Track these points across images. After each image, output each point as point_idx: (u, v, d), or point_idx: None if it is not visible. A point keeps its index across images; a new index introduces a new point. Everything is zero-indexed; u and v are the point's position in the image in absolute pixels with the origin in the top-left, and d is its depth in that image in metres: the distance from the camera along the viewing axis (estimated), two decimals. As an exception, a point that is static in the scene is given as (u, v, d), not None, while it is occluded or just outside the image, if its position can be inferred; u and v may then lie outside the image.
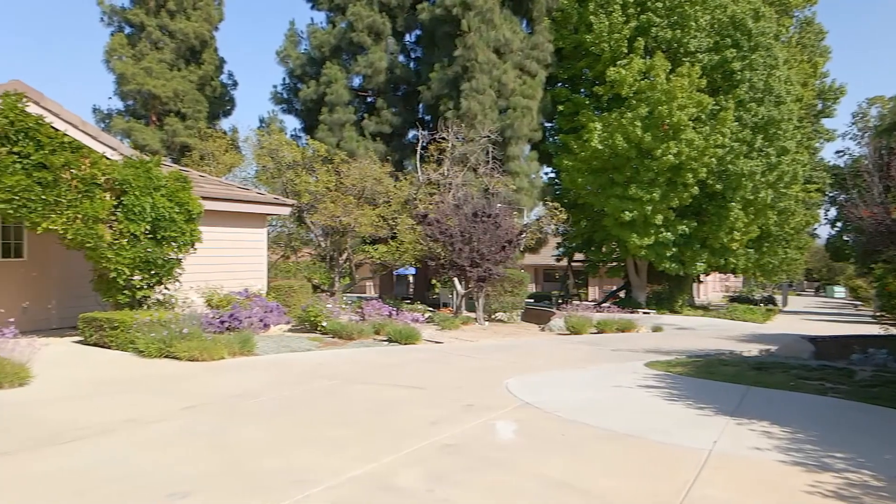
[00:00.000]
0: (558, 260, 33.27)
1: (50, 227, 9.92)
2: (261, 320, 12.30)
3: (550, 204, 21.89)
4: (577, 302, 24.48)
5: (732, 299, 37.59)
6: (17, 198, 9.41)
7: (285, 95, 27.56)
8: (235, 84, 32.98)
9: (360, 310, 14.15)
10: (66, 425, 5.57)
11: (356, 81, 26.27)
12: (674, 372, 9.17)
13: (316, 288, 19.86)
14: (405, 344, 11.91)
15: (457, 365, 9.66)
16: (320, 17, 33.37)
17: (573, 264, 33.76)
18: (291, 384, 7.71)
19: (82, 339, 10.38)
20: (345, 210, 18.75)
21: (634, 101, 23.11)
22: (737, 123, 23.76)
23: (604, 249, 28.67)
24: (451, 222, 16.30)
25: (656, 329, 16.60)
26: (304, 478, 4.33)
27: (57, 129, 10.00)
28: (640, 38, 23.95)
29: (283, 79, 28.26)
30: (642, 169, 22.96)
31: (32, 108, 9.70)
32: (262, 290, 15.14)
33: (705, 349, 12.37)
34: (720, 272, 32.09)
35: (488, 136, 20.92)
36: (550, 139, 27.68)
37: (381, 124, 24.73)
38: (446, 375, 8.65)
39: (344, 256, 21.02)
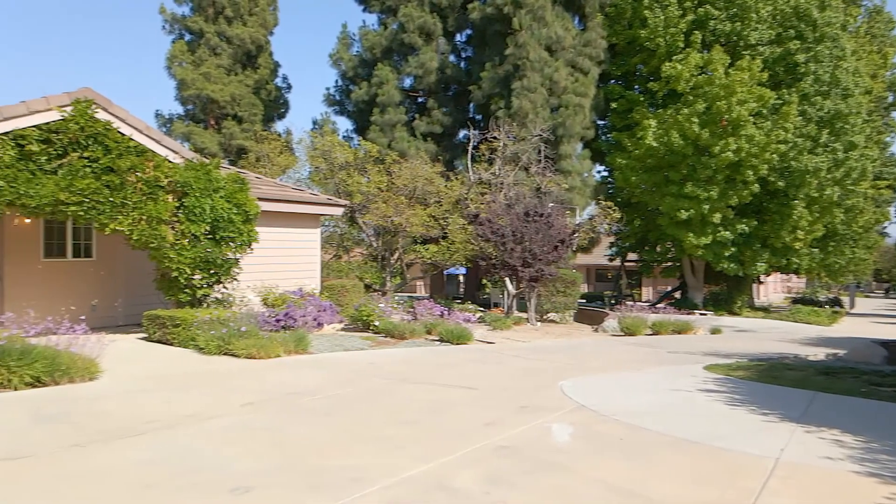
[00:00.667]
0: (611, 260, 32.70)
1: (117, 228, 10.33)
2: (315, 319, 12.51)
3: (604, 203, 21.51)
4: (631, 302, 24.02)
5: (795, 301, 36.16)
6: (87, 200, 9.83)
7: (337, 97, 27.97)
8: (289, 87, 33.64)
9: (412, 309, 14.23)
10: (133, 419, 5.77)
11: (407, 82, 26.45)
12: (735, 376, 8.87)
13: (368, 287, 20.08)
14: (457, 344, 11.90)
15: (509, 366, 9.59)
16: (372, 19, 33.84)
17: (626, 264, 33.13)
18: (346, 383, 7.79)
19: (146, 335, 10.76)
20: (396, 210, 18.88)
21: (691, 97, 22.50)
22: (801, 118, 22.84)
23: (658, 249, 28.04)
24: (502, 222, 16.21)
25: (714, 331, 16.11)
26: (360, 476, 4.36)
27: (123, 134, 10.40)
28: (697, 32, 23.31)
29: (336, 81, 28.69)
30: (699, 166, 22.33)
31: (101, 115, 10.11)
32: (316, 289, 15.40)
33: (767, 353, 11.93)
34: (782, 272, 30.94)
35: (540, 135, 20.72)
36: (603, 137, 27.25)
37: (432, 124, 24.82)
38: (499, 376, 8.60)
39: (395, 256, 21.18)
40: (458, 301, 24.10)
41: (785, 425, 6.02)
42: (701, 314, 22.38)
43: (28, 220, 11.04)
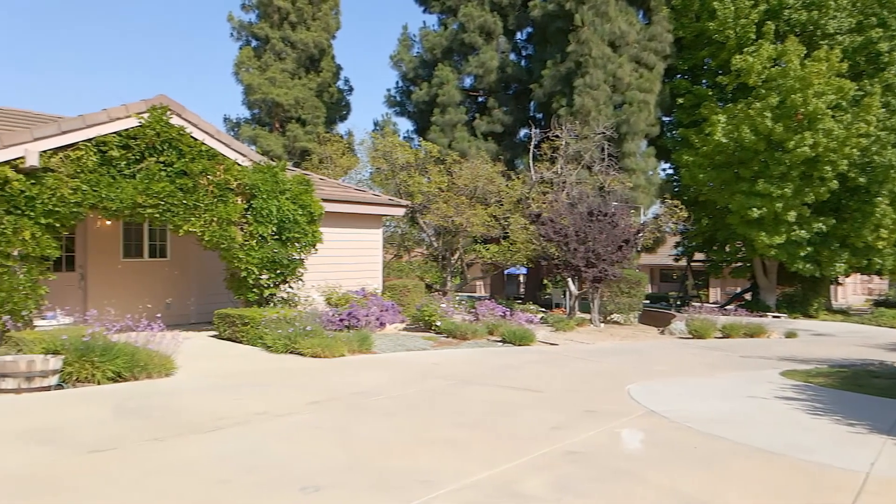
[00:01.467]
0: (677, 260, 31.77)
1: (190, 229, 10.71)
2: (377, 319, 12.63)
3: (670, 201, 20.87)
4: (698, 304, 23.26)
5: (878, 303, 34.12)
6: (162, 203, 10.23)
7: (398, 98, 28.22)
8: (351, 89, 34.23)
9: (473, 310, 14.18)
10: (206, 415, 5.95)
11: (467, 82, 26.43)
12: (815, 383, 8.42)
13: (429, 287, 20.16)
14: (519, 345, 11.78)
15: (574, 368, 9.42)
16: (432, 20, 34.01)
17: (692, 264, 32.09)
18: (409, 383, 7.82)
19: (217, 333, 11.11)
20: (457, 210, 18.88)
21: (763, 91, 21.58)
22: (884, 110, 21.56)
23: (727, 249, 27.04)
24: (565, 221, 15.96)
25: (790, 335, 15.39)
26: (427, 478, 4.33)
27: (195, 139, 10.77)
28: (769, 23, 22.33)
29: (396, 82, 28.94)
30: (772, 162, 21.38)
31: (175, 120, 10.50)
32: (378, 289, 15.56)
33: (849, 358, 11.30)
34: (863, 273, 29.26)
35: (603, 133, 20.31)
36: (669, 134, 26.50)
37: (493, 124, 24.71)
38: (564, 379, 8.45)
39: (456, 256, 21.19)
40: (519, 301, 23.90)
41: (874, 437, 5.65)
42: (774, 317, 21.43)
43: (109, 223, 11.58)
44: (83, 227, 11.33)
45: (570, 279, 16.87)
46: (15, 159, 8.82)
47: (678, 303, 30.13)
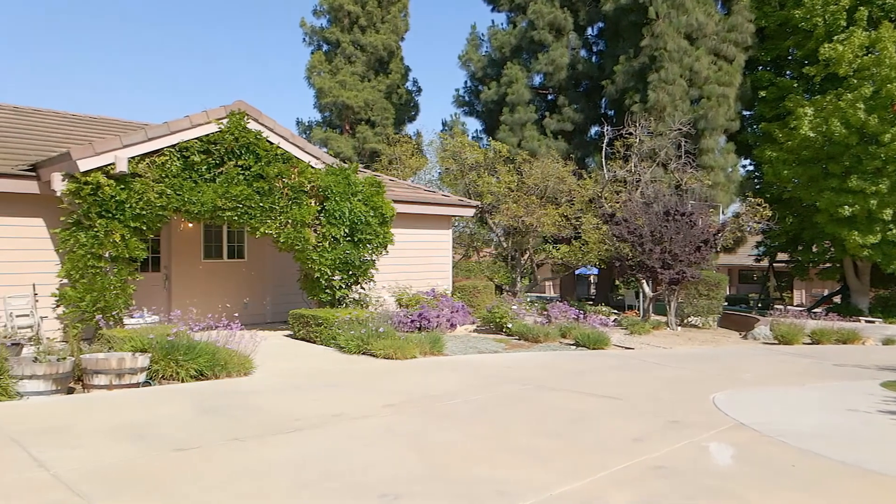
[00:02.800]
0: (758, 260, 30.30)
1: (266, 231, 10.97)
2: (448, 320, 12.57)
3: (752, 199, 19.86)
4: (781, 307, 22.07)
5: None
6: (240, 206, 10.52)
7: (467, 98, 28.17)
8: (420, 90, 34.44)
9: (545, 312, 13.93)
10: (284, 416, 6.02)
11: (536, 80, 26.09)
12: (923, 396, 7.76)
13: (499, 289, 19.99)
14: (593, 349, 11.47)
15: (653, 374, 9.05)
16: (501, 18, 33.75)
17: (775, 265, 30.53)
18: (483, 387, 7.70)
19: (291, 333, 11.33)
20: (527, 210, 18.63)
21: (855, 81, 20.23)
22: None
23: (814, 249, 25.53)
24: (639, 221, 15.46)
25: (888, 341, 14.35)
26: (506, 489, 4.20)
27: (271, 143, 11.02)
28: (862, 8, 20.92)
29: (465, 82, 28.90)
30: (865, 157, 20.01)
31: (252, 125, 10.78)
32: (448, 289, 15.52)
33: (959, 369, 10.39)
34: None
35: (679, 129, 19.56)
36: (750, 129, 25.29)
37: (563, 122, 24.28)
38: (643, 385, 8.12)
39: (525, 256, 20.93)
40: (590, 303, 23.38)
41: None
42: (867, 321, 20.05)
43: (191, 225, 12.01)
44: (167, 229, 11.80)
45: (644, 281, 16.34)
46: (106, 165, 9.25)
47: (759, 305, 28.76)
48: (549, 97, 26.19)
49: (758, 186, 25.01)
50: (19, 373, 6.49)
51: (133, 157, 9.52)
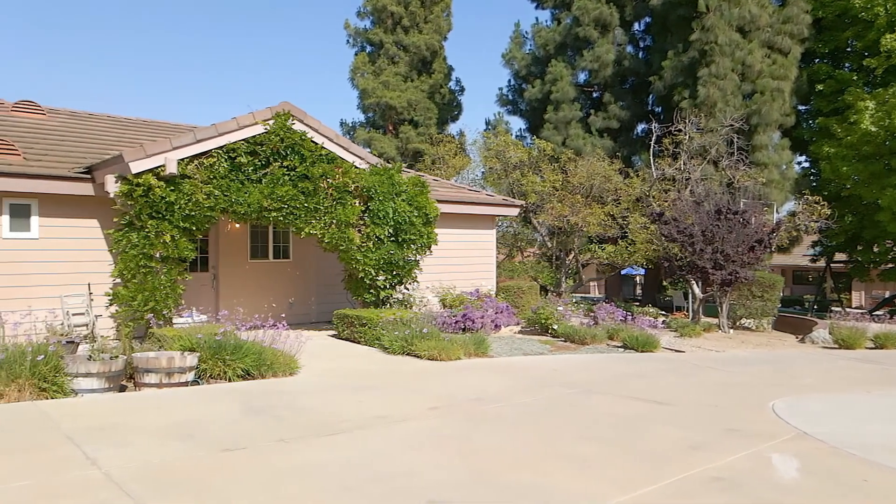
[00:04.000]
0: (813, 260, 29.22)
1: (310, 231, 11.03)
2: (492, 321, 12.43)
3: (810, 198, 19.07)
4: (839, 309, 21.15)
5: None
6: (285, 206, 10.60)
7: (510, 97, 27.94)
8: (463, 90, 34.27)
9: (591, 313, 13.64)
10: (329, 416, 5.99)
11: (581, 77, 25.68)
12: None
13: (543, 289, 19.73)
14: (642, 351, 11.15)
15: (705, 378, 8.73)
16: (545, 15, 33.28)
17: (832, 265, 29.34)
18: (529, 390, 7.54)
19: (336, 333, 11.36)
20: (572, 209, 18.32)
21: (920, 72, 19.26)
22: None
23: (875, 248, 24.42)
24: (689, 220, 14.99)
25: (958, 347, 13.52)
26: (555, 499, 4.05)
27: (316, 143, 11.08)
28: (927, -5, 19.91)
29: (508, 80, 28.62)
30: (932, 152, 19.04)
31: (297, 126, 10.85)
32: (492, 290, 15.37)
33: None
34: None
35: (731, 125, 18.92)
36: (806, 124, 24.34)
37: (608, 119, 23.83)
38: (695, 390, 7.83)
39: (570, 256, 20.60)
40: (636, 303, 22.88)
41: None
42: (934, 325, 19.03)
43: (238, 226, 12.18)
44: (215, 229, 11.99)
45: (693, 281, 15.85)
46: (157, 167, 9.43)
47: (815, 307, 27.68)
48: (595, 94, 25.75)
49: (814, 184, 24.06)
50: (74, 370, 6.64)
51: (182, 159, 9.69)
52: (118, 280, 9.68)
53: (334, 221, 11.18)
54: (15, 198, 9.61)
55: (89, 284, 10.03)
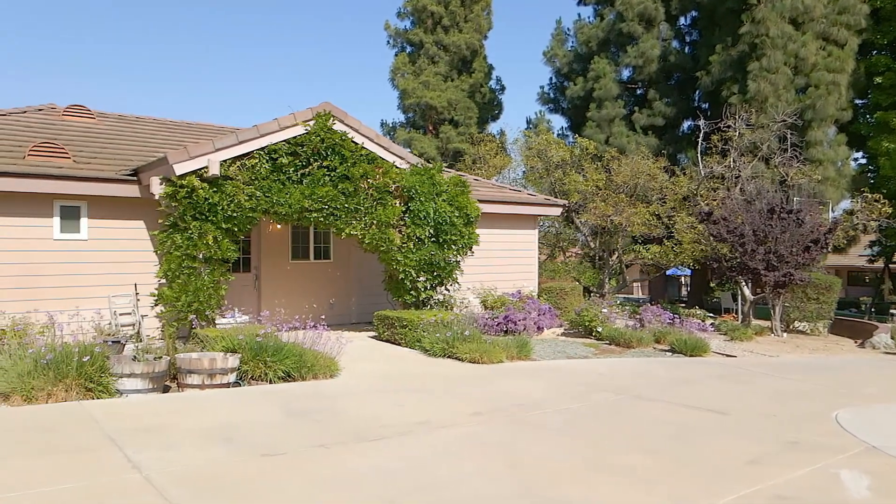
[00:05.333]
0: (871, 261, 28.02)
1: (351, 232, 10.98)
2: (535, 323, 12.18)
3: (870, 195, 18.19)
4: (897, 312, 20.14)
5: None
6: (326, 207, 10.57)
7: (552, 95, 27.58)
8: (503, 88, 33.98)
9: (636, 315, 13.26)
10: (369, 421, 5.87)
11: (625, 74, 25.18)
12: None
13: (587, 290, 19.35)
14: (691, 356, 10.76)
15: (761, 386, 8.33)
16: (587, 11, 32.71)
17: (891, 266, 28.05)
18: (574, 395, 7.29)
19: (376, 334, 11.28)
20: (616, 209, 17.90)
21: None
22: None
23: (939, 248, 23.24)
24: (739, 220, 14.46)
25: None
26: (608, 515, 3.83)
27: (356, 143, 11.02)
28: None
29: (550, 78, 28.26)
30: None
31: (337, 126, 10.81)
32: (534, 291, 15.11)
33: None
34: None
35: (783, 121, 18.21)
36: (863, 119, 23.31)
37: (653, 117, 23.28)
38: (751, 398, 7.46)
39: (614, 257, 20.15)
40: (682, 305, 22.27)
41: None
42: None
43: (279, 227, 12.22)
44: (257, 230, 12.06)
45: (744, 283, 15.29)
46: (199, 169, 9.50)
47: (872, 310, 26.50)
48: (639, 91, 25.20)
49: (872, 181, 23.03)
50: (119, 371, 6.69)
51: (225, 161, 9.74)
52: (163, 280, 9.79)
53: (375, 222, 11.11)
54: (65, 200, 9.82)
55: (136, 285, 10.18)
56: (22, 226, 9.47)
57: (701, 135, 18.98)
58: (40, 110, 12.99)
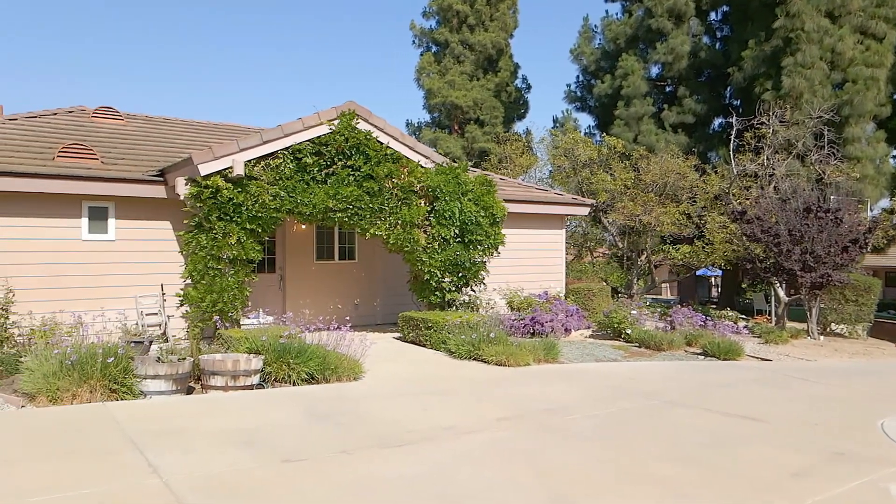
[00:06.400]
0: (910, 262, 27.03)
1: (376, 232, 10.87)
2: (562, 325, 11.95)
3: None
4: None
5: None
6: (350, 207, 10.48)
7: (578, 93, 27.25)
8: (529, 87, 33.71)
9: (667, 317, 12.94)
10: (393, 426, 5.73)
11: (653, 71, 24.77)
12: None
13: (614, 291, 19.01)
14: (724, 359, 10.43)
15: (799, 391, 8.00)
16: (615, 8, 32.36)
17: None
18: (603, 400, 7.07)
19: (401, 336, 11.16)
20: (645, 208, 17.55)
21: None
22: None
23: (984, 249, 22.34)
24: (773, 219, 14.03)
25: None
26: (642, 531, 3.63)
27: (381, 143, 10.91)
28: None
29: (577, 77, 28.04)
30: None
31: (362, 125, 10.71)
32: (561, 292, 14.86)
33: None
34: None
35: (819, 117, 17.67)
36: (903, 114, 22.52)
37: (683, 114, 22.82)
38: (790, 405, 7.15)
39: (643, 257, 19.78)
40: (713, 306, 21.78)
41: None
42: None
43: (304, 227, 12.17)
44: (282, 230, 12.02)
45: (778, 284, 14.83)
46: (224, 169, 9.47)
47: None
48: (668, 89, 24.76)
49: (912, 178, 22.26)
50: (143, 372, 6.66)
51: (249, 161, 9.70)
52: (188, 281, 9.78)
53: (399, 222, 10.99)
54: (93, 200, 9.88)
55: (162, 285, 10.21)
56: (51, 226, 9.54)
57: (733, 132, 18.51)
58: (70, 112, 13.14)
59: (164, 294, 10.20)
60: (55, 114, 12.76)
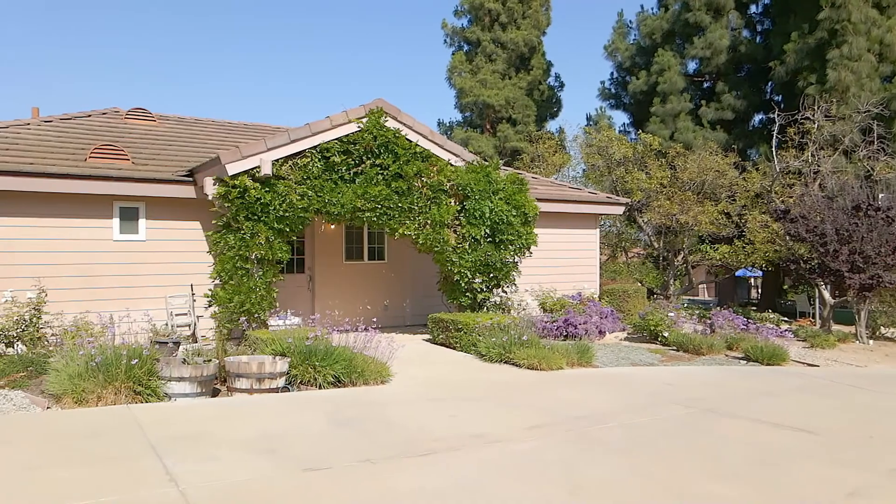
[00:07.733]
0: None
1: (405, 232, 10.68)
2: (596, 327, 11.61)
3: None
4: None
5: None
6: (379, 206, 10.31)
7: (613, 90, 26.71)
8: (562, 85, 33.19)
9: (706, 319, 12.47)
10: (419, 433, 5.52)
11: (691, 67, 24.10)
12: None
13: (650, 292, 18.52)
14: (767, 364, 9.97)
15: (850, 400, 7.55)
16: (650, 3, 31.74)
17: None
18: (640, 408, 6.74)
19: (430, 338, 10.95)
20: (682, 207, 17.04)
21: None
22: None
23: None
24: (818, 218, 13.44)
25: None
26: (686, 556, 3.33)
27: (410, 141, 10.72)
28: None
29: (611, 73, 27.36)
30: None
31: (390, 123, 10.54)
32: (595, 293, 14.49)
33: None
34: None
35: (868, 112, 16.91)
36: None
37: (722, 110, 22.14)
38: (840, 415, 6.73)
39: (679, 257, 19.23)
40: (753, 308, 21.09)
41: None
42: None
43: (332, 227, 12.06)
44: (310, 231, 11.93)
45: (823, 286, 14.21)
46: (252, 169, 9.39)
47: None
48: (706, 84, 24.09)
49: (968, 175, 21.20)
50: (167, 374, 6.57)
51: (277, 160, 9.61)
52: (217, 281, 9.73)
53: (429, 221, 10.78)
54: (124, 201, 9.91)
55: (192, 285, 10.19)
56: (83, 227, 9.60)
57: (775, 128, 17.84)
58: (104, 114, 13.28)
59: (193, 294, 10.18)
60: (89, 115, 12.90)
